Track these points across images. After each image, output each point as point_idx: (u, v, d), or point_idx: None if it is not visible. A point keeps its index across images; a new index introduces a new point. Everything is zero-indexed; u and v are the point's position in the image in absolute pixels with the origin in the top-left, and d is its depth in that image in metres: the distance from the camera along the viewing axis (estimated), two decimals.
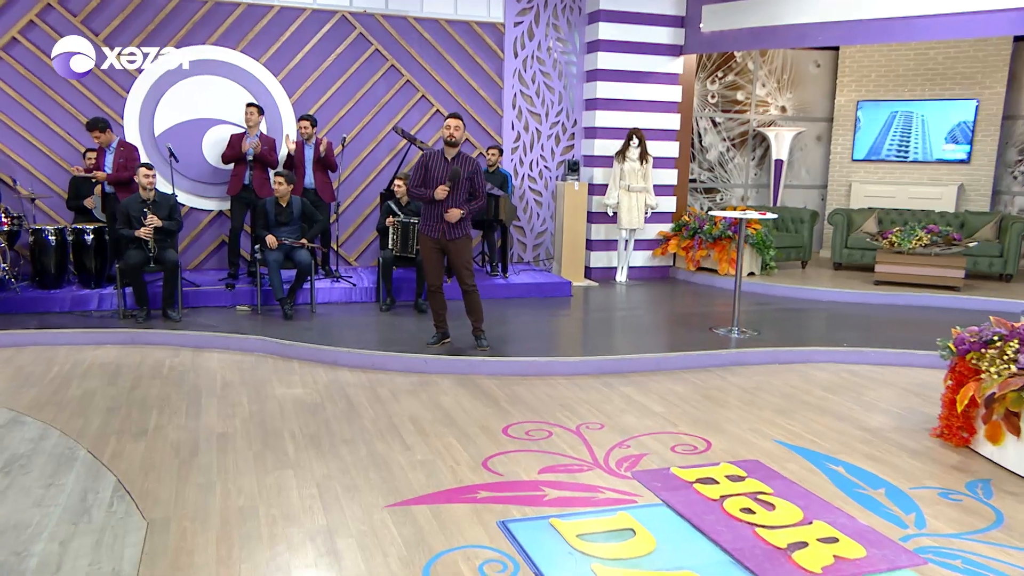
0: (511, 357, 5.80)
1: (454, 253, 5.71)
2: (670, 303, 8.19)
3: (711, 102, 10.93)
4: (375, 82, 8.81)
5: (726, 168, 11.17)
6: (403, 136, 8.40)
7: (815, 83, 11.43)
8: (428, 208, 5.71)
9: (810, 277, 9.37)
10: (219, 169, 8.17)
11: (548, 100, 9.43)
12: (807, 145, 11.57)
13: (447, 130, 5.59)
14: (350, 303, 7.68)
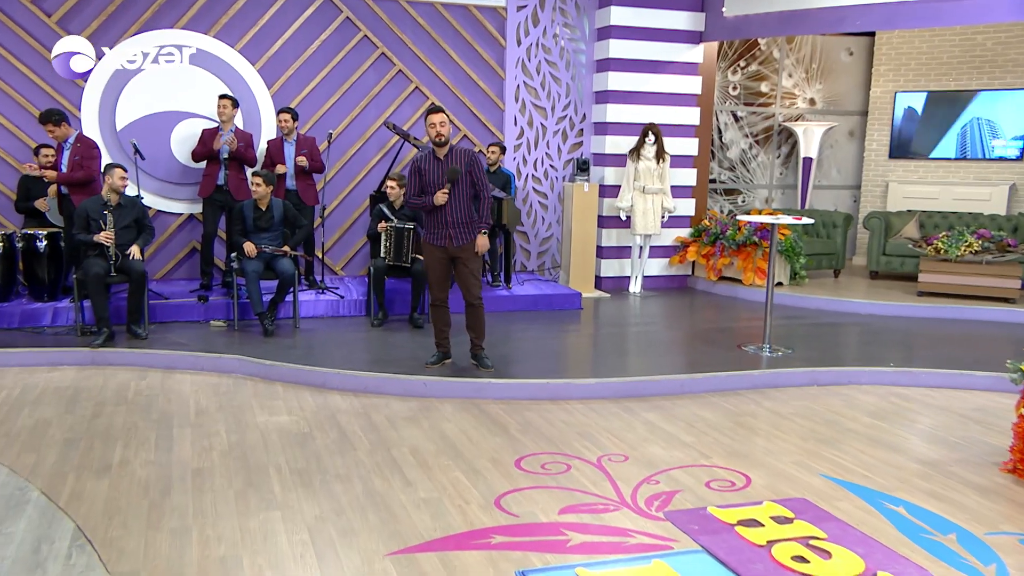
0: (520, 379, 5.72)
1: (462, 262, 5.66)
2: (691, 317, 8.18)
3: (732, 94, 10.90)
4: (364, 72, 8.75)
5: (749, 167, 11.16)
6: (395, 132, 8.34)
7: (847, 73, 11.41)
8: (431, 216, 5.67)
9: (845, 287, 9.33)
10: (189, 168, 8.10)
11: (555, 92, 9.40)
12: (838, 141, 11.54)
13: (432, 129, 5.49)
14: (337, 317, 7.62)
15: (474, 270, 5.70)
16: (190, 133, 8.11)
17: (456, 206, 5.63)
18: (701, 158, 9.85)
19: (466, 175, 5.60)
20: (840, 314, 8.35)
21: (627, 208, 9.08)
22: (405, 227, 7.24)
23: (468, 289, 5.75)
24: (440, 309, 5.88)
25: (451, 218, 5.63)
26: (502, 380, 5.68)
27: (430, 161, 5.62)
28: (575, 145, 9.57)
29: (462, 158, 5.62)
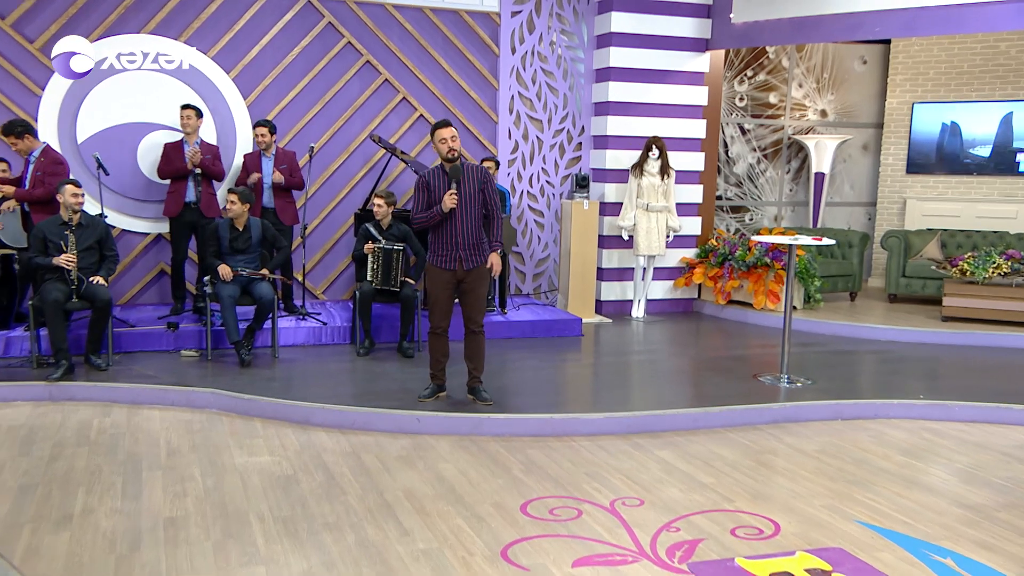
0: (520, 413, 5.65)
1: (470, 285, 5.62)
2: (700, 344, 8.17)
3: (739, 105, 10.90)
4: (347, 81, 8.71)
5: (756, 183, 11.14)
6: (381, 145, 8.29)
7: (861, 83, 11.42)
8: (438, 236, 5.62)
9: (862, 312, 9.30)
10: (157, 183, 8.03)
11: (551, 103, 9.39)
12: (851, 155, 11.55)
13: (443, 144, 5.48)
14: (319, 346, 7.54)
15: (481, 295, 5.67)
16: (157, 145, 8.02)
17: (466, 226, 5.59)
18: (707, 173, 9.82)
19: (478, 193, 5.59)
20: (859, 340, 8.31)
21: (629, 227, 9.05)
22: (394, 248, 7.17)
23: (472, 316, 5.71)
24: (440, 338, 5.82)
25: (461, 239, 5.58)
26: (501, 415, 5.61)
27: (438, 177, 5.60)
28: (573, 160, 9.55)
29: (474, 175, 5.61)
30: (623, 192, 9.26)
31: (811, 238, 6.63)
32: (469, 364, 5.85)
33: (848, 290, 9.92)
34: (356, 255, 7.35)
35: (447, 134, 5.48)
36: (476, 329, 5.75)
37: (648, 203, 8.95)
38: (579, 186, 9.05)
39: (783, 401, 6.09)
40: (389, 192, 7.35)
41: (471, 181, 5.59)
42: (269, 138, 7.72)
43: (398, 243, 7.22)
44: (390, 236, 7.31)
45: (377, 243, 7.21)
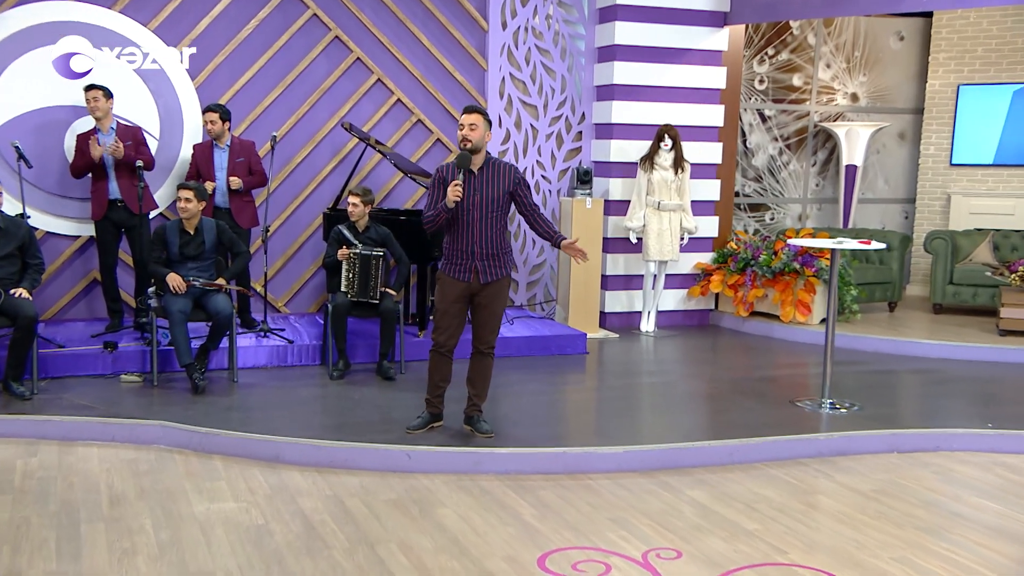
0: (527, 447, 5.57)
1: (485, 300, 5.58)
2: (721, 363, 8.18)
3: (759, 89, 10.86)
4: (313, 60, 8.60)
5: (778, 177, 11.10)
6: (353, 134, 8.19)
7: (897, 62, 11.39)
8: (453, 242, 5.56)
9: (905, 324, 9.29)
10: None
11: (548, 87, 9.33)
12: (885, 145, 11.53)
13: (460, 132, 5.47)
14: (285, 368, 7.44)
15: (496, 313, 5.64)
16: None
17: (486, 233, 5.52)
18: (725, 167, 9.78)
19: (504, 196, 5.52)
20: (904, 358, 8.28)
21: (638, 228, 9.00)
22: (373, 253, 7.07)
23: (482, 335, 5.67)
24: (443, 359, 5.74)
25: (479, 247, 5.51)
26: (505, 449, 5.52)
27: (456, 171, 5.51)
28: (572, 151, 9.51)
29: (503, 176, 5.54)
30: (630, 188, 9.21)
31: (857, 241, 6.53)
32: (470, 389, 5.77)
33: (887, 300, 9.90)
34: (327, 262, 7.25)
35: (466, 120, 5.43)
36: (485, 350, 5.70)
37: (660, 201, 8.90)
38: (580, 181, 9.00)
39: (829, 431, 6.02)
40: (366, 189, 7.25)
41: (498, 182, 5.53)
42: (221, 126, 7.59)
43: (377, 248, 7.13)
44: (367, 240, 7.22)
45: (352, 248, 7.12)
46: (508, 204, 5.56)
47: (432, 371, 5.76)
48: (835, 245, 6.50)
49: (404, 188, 8.95)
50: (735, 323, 9.47)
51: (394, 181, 8.89)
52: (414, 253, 7.59)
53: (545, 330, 8.36)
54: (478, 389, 5.75)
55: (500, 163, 5.57)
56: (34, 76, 7.78)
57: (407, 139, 8.90)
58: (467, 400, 5.79)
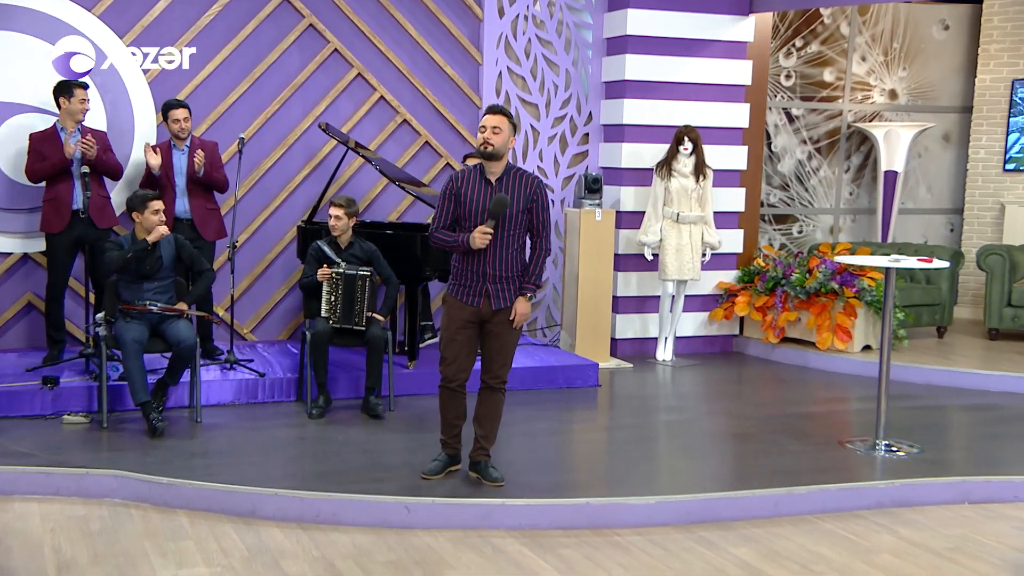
0: (543, 498, 5.48)
1: (497, 328, 5.57)
2: (752, 397, 8.21)
3: (785, 85, 10.87)
4: (284, 51, 8.55)
5: (807, 184, 11.10)
6: (331, 136, 8.16)
7: (942, 54, 11.40)
8: (462, 262, 5.56)
9: (958, 352, 9.27)
10: (21, 186, 7.79)
11: (550, 83, 9.33)
12: (928, 148, 11.54)
13: (481, 133, 5.48)
14: (254, 405, 7.36)
15: (509, 343, 5.63)
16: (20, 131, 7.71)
17: (501, 252, 5.50)
18: (751, 173, 9.77)
19: (522, 213, 5.50)
20: (960, 392, 8.23)
21: (654, 243, 8.98)
22: (359, 273, 7.01)
23: (492, 367, 5.64)
24: (454, 395, 5.68)
25: (491, 268, 5.48)
26: (519, 501, 5.43)
27: (474, 181, 5.52)
28: (578, 156, 9.52)
29: (522, 186, 5.53)
30: (644, 198, 9.18)
31: (916, 259, 6.50)
32: (477, 429, 5.70)
33: (935, 324, 9.89)
34: (305, 283, 7.19)
35: (489, 121, 5.43)
36: (495, 385, 5.66)
37: (679, 212, 8.87)
38: (589, 190, 8.96)
39: (888, 478, 5.95)
40: (350, 199, 7.20)
41: (516, 194, 5.50)
42: (186, 123, 7.61)
43: (363, 267, 7.07)
44: (351, 257, 7.16)
45: (334, 267, 7.04)
46: (527, 221, 5.55)
47: (444, 408, 5.73)
48: (891, 263, 6.43)
49: (388, 198, 8.90)
50: (763, 351, 9.47)
51: (377, 190, 8.83)
52: (403, 272, 7.53)
53: (551, 359, 8.31)
54: (486, 430, 5.68)
55: (522, 173, 5.56)
56: None
57: (391, 142, 8.84)
58: (473, 442, 5.71)
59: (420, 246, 7.56)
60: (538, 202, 5.53)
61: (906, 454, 6.40)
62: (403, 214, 8.90)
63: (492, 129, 5.40)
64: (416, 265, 7.60)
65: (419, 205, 8.80)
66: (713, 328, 9.64)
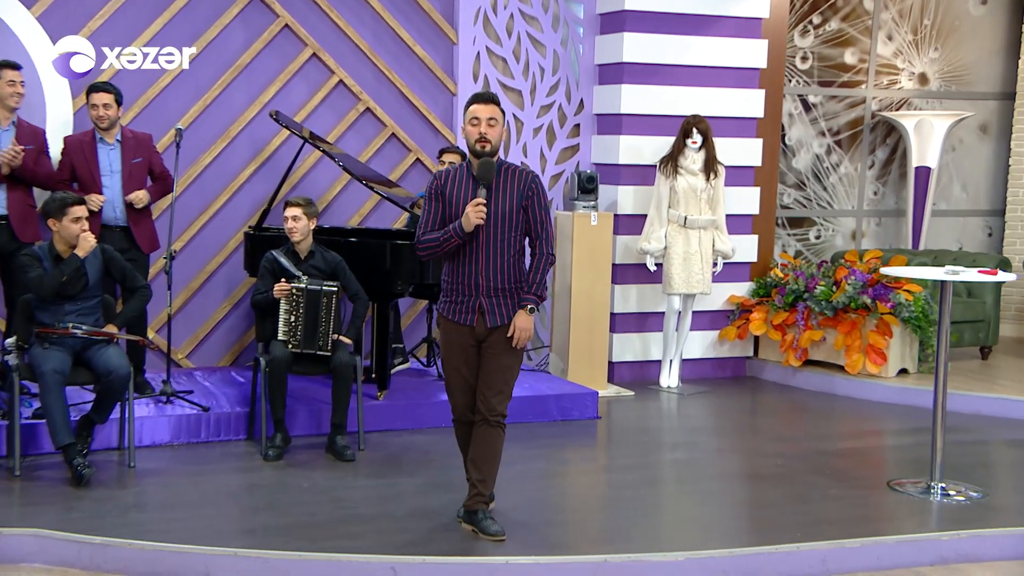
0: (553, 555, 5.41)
1: (493, 350, 5.57)
2: (774, 430, 8.25)
3: (801, 68, 10.92)
4: (226, 27, 8.55)
5: (825, 182, 11.14)
6: (284, 126, 8.15)
7: (979, 33, 11.47)
8: (453, 274, 5.57)
9: (1007, 376, 9.30)
10: None
11: (536, 65, 9.36)
12: (963, 141, 11.62)
13: (473, 128, 5.45)
14: (197, 445, 7.26)
15: (506, 367, 5.60)
16: None
17: (495, 260, 5.49)
18: (766, 170, 9.83)
19: (515, 213, 5.50)
20: (1016, 424, 8.28)
21: (658, 252, 8.97)
22: (324, 288, 6.94)
23: (487, 398, 5.57)
24: (466, 427, 5.73)
25: (485, 279, 5.48)
26: (525, 559, 5.34)
27: (461, 180, 5.53)
28: (568, 150, 9.56)
29: (514, 184, 5.55)
30: (645, 200, 9.20)
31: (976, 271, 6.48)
32: (473, 472, 5.66)
33: (978, 343, 9.93)
34: (258, 300, 7.13)
35: (483, 112, 5.40)
36: (492, 419, 5.60)
37: (686, 216, 8.86)
38: (582, 191, 8.97)
39: (952, 528, 5.88)
40: (308, 200, 7.15)
41: (511, 194, 5.52)
42: (116, 110, 7.46)
43: (328, 281, 6.99)
44: (312, 270, 7.10)
45: (294, 281, 6.95)
46: (523, 222, 5.56)
47: (463, 446, 5.79)
48: (948, 276, 6.38)
49: (348, 200, 8.92)
50: (782, 375, 9.51)
51: (335, 190, 8.84)
52: (371, 287, 7.47)
53: (543, 387, 8.32)
54: (483, 473, 5.62)
55: (513, 168, 5.59)
56: None
57: (352, 133, 8.87)
58: (469, 487, 5.66)
59: (391, 256, 7.55)
60: (534, 199, 5.53)
61: (967, 499, 6.35)
62: (366, 219, 8.92)
63: (488, 122, 5.40)
64: (386, 278, 7.56)
65: (383, 209, 8.87)
66: (724, 349, 9.69)
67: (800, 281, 9.27)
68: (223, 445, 7.23)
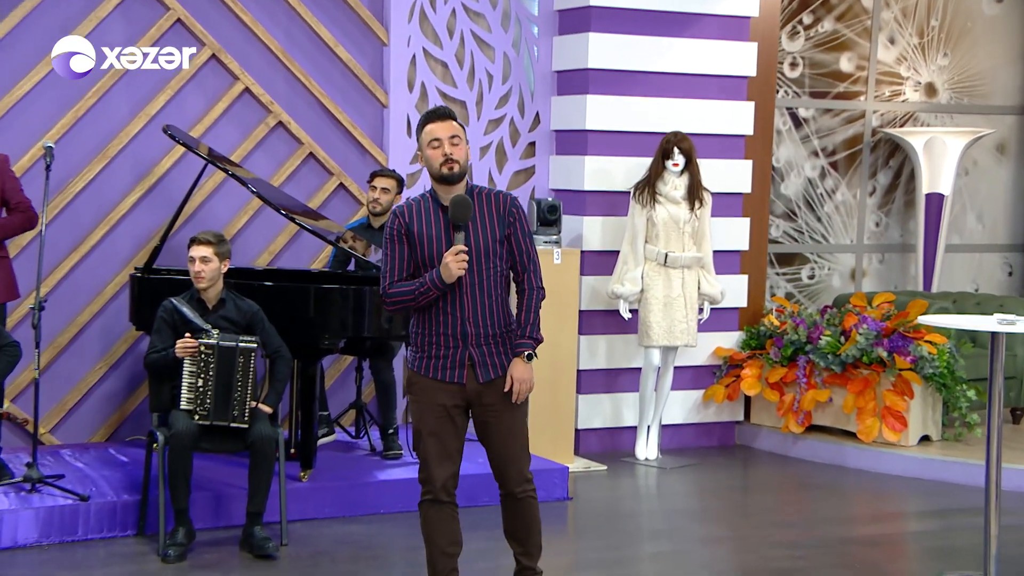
0: None
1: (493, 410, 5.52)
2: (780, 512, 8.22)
3: (790, 77, 10.98)
4: (103, 21, 8.50)
5: (818, 211, 11.17)
6: (181, 143, 7.99)
7: (994, 36, 11.63)
8: (428, 322, 5.52)
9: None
10: None
11: (483, 72, 9.42)
12: (977, 163, 11.74)
13: (435, 151, 5.46)
14: (73, 545, 7.02)
15: (517, 427, 5.57)
16: None
17: (481, 300, 5.46)
18: (756, 198, 9.91)
19: (498, 243, 5.49)
20: None
21: (633, 296, 8.94)
22: (239, 344, 6.81)
23: (508, 470, 5.57)
24: (441, 512, 5.61)
25: (472, 326, 5.45)
26: None
27: (427, 213, 5.50)
28: (521, 174, 9.61)
29: (492, 208, 5.55)
30: (616, 233, 9.25)
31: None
32: (515, 547, 5.72)
33: (1009, 404, 10.02)
34: (155, 360, 6.97)
35: (442, 131, 5.41)
36: (520, 493, 5.58)
37: (667, 252, 8.84)
38: (542, 222, 8.98)
39: None
40: (219, 236, 7.01)
41: (490, 222, 5.51)
42: None
43: (245, 336, 6.84)
44: (223, 321, 6.99)
45: (203, 336, 6.76)
46: (506, 254, 5.57)
47: (431, 533, 5.65)
48: (1004, 327, 6.23)
49: (255, 234, 8.85)
50: (780, 443, 9.50)
51: (239, 223, 8.73)
52: (291, 342, 7.32)
53: None
54: (526, 545, 5.68)
55: (489, 192, 5.62)
56: None
57: (261, 152, 8.80)
58: (515, 563, 5.71)
59: (315, 303, 7.42)
60: (516, 225, 5.54)
61: None
62: (277, 257, 8.80)
63: (450, 141, 5.41)
64: (310, 331, 7.43)
65: (300, 244, 8.83)
66: (709, 413, 9.69)
67: (801, 330, 9.25)
68: (107, 544, 7.02)
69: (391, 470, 8.08)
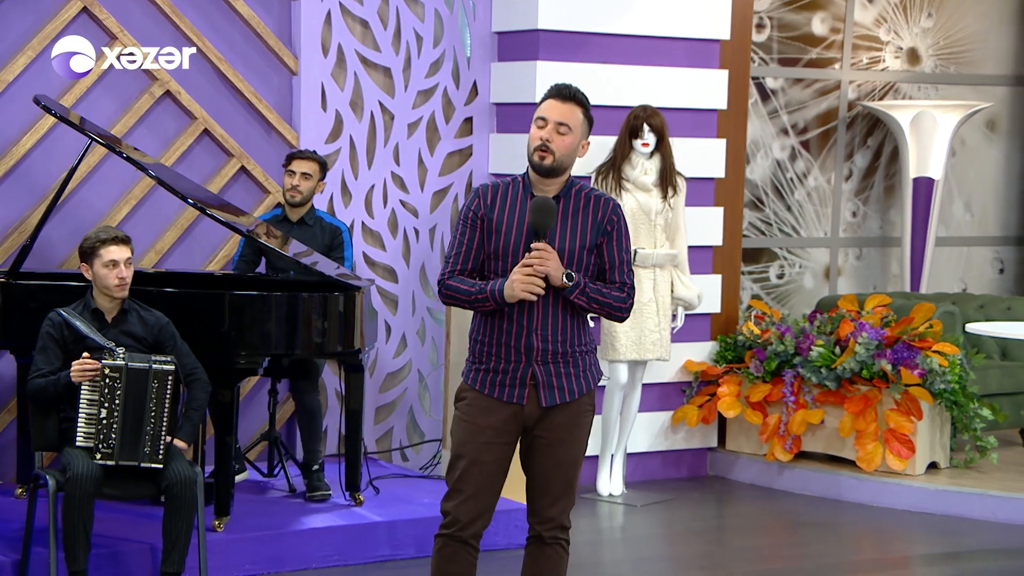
0: None
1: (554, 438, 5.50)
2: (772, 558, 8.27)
3: (756, 40, 10.97)
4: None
5: (788, 198, 11.25)
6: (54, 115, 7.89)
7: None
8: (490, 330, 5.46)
9: None
10: None
11: (410, 33, 9.47)
12: (965, 143, 11.89)
13: (538, 129, 5.38)
14: None
15: (571, 462, 5.56)
16: None
17: (553, 313, 5.38)
18: (730, 184, 9.96)
19: (588, 251, 5.40)
20: None
21: None
22: (152, 366, 6.53)
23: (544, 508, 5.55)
24: (458, 553, 5.53)
25: (538, 339, 5.38)
26: None
27: (516, 202, 5.44)
28: (456, 156, 9.68)
29: (590, 213, 5.49)
30: None
31: None
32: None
33: (1020, 424, 10.24)
34: (41, 386, 6.67)
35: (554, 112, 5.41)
36: (550, 537, 5.56)
37: (636, 249, 8.77)
38: None
39: None
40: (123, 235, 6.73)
41: (578, 224, 5.44)
42: None
43: (158, 356, 6.57)
44: (126, 338, 6.74)
45: (105, 355, 6.48)
46: (594, 264, 5.50)
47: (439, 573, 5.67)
48: None
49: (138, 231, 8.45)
50: (764, 474, 9.57)
51: (118, 216, 8.51)
52: (203, 361, 7.08)
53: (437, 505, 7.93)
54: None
55: (591, 192, 5.59)
56: None
57: (144, 128, 8.70)
58: None
59: (230, 313, 7.21)
60: (613, 235, 5.47)
61: None
62: (164, 258, 8.71)
63: (557, 127, 5.37)
64: (226, 347, 7.20)
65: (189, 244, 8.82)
66: (678, 439, 9.74)
67: (787, 339, 9.31)
68: None
69: (320, 515, 7.94)
